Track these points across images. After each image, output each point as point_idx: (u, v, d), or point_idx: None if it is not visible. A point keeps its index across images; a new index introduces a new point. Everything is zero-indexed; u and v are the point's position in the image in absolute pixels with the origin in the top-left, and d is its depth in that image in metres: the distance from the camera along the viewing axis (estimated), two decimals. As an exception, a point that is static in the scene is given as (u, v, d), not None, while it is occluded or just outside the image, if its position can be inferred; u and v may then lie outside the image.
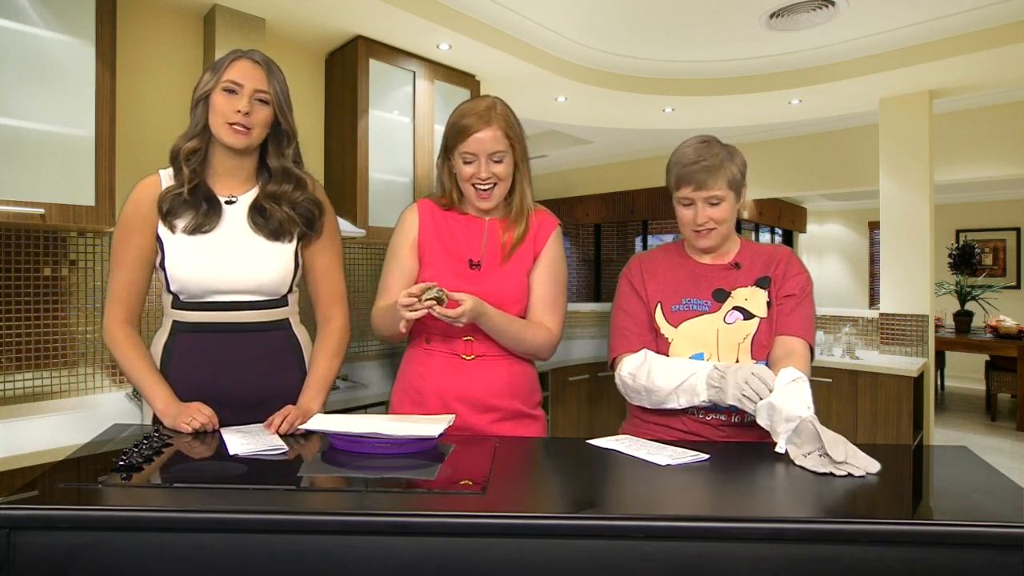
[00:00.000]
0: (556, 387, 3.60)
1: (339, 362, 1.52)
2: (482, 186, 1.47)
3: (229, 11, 2.58)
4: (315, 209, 1.48)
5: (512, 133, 1.48)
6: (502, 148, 1.46)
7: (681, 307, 1.50)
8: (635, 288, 1.57)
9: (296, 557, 0.86)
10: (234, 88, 1.36)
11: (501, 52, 3.27)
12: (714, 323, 1.47)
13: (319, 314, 1.55)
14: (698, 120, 4.76)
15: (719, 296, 1.49)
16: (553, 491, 1.16)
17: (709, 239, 1.50)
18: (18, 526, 0.85)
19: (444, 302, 1.33)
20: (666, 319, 1.51)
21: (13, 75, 1.90)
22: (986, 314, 6.18)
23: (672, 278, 1.55)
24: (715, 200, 1.46)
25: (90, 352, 2.30)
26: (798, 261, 1.57)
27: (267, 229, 1.43)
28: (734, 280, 1.51)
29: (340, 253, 1.57)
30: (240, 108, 1.35)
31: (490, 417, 1.48)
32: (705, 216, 1.47)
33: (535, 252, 1.54)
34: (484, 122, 1.44)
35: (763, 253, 1.56)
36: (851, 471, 1.09)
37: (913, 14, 3.24)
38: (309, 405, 1.41)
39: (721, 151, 1.47)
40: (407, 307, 1.31)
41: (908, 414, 3.55)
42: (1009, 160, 4.61)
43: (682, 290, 1.52)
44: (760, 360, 1.46)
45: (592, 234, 9.16)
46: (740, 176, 1.48)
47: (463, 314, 1.34)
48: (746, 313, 1.47)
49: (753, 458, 1.30)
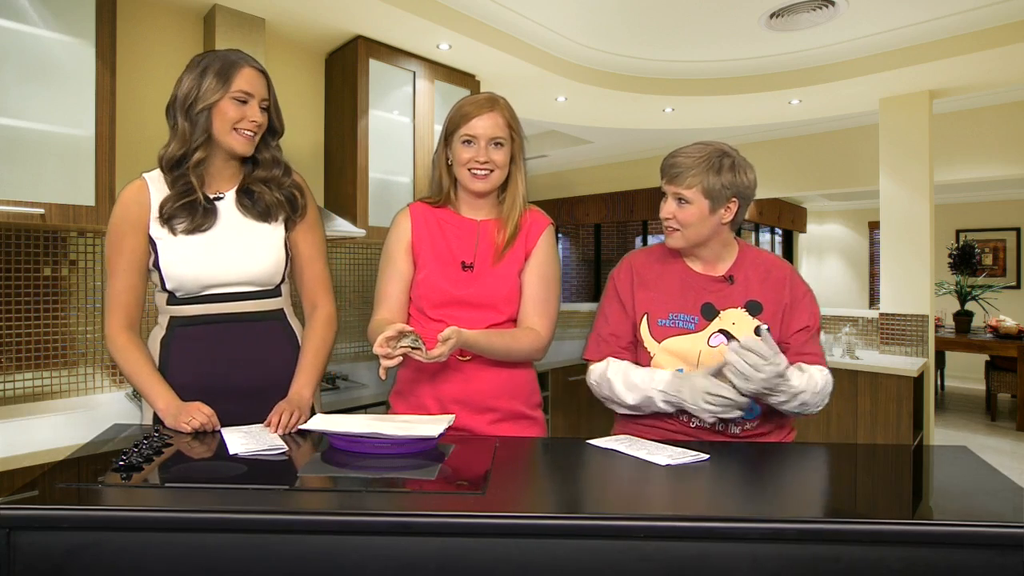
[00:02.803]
0: (556, 388, 3.60)
1: (328, 349, 1.54)
2: (479, 170, 1.48)
3: (229, 11, 2.58)
4: (297, 192, 1.53)
5: (513, 125, 1.50)
6: (503, 135, 1.47)
7: (668, 322, 1.48)
8: (619, 295, 1.56)
9: (296, 557, 0.86)
10: (245, 98, 1.39)
11: (501, 52, 3.27)
12: (697, 344, 1.45)
13: (306, 303, 1.58)
14: (698, 120, 4.76)
15: (707, 312, 1.47)
16: (553, 491, 1.16)
17: (672, 238, 1.49)
18: (18, 526, 0.85)
19: (421, 349, 1.29)
20: (651, 333, 1.49)
21: (13, 75, 1.90)
22: (986, 314, 6.18)
23: (662, 287, 1.52)
24: (681, 198, 1.44)
25: (90, 352, 2.30)
26: (802, 283, 1.53)
27: (255, 211, 1.47)
28: (725, 295, 1.48)
29: (323, 242, 1.60)
30: (255, 119, 1.40)
31: (488, 418, 1.48)
32: (669, 211, 1.47)
33: (527, 251, 1.53)
34: (487, 108, 1.48)
35: (760, 267, 1.52)
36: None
37: (913, 14, 3.24)
38: (301, 392, 1.43)
39: (711, 157, 1.42)
40: (384, 356, 1.29)
41: (908, 414, 3.55)
42: (1009, 160, 4.61)
43: (671, 302, 1.50)
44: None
45: (592, 234, 9.15)
46: (723, 189, 1.41)
47: (442, 354, 1.31)
48: (730, 338, 1.44)
49: (753, 458, 1.30)
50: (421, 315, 1.52)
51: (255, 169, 1.49)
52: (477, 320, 1.47)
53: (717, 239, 1.49)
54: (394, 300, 1.52)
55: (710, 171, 1.41)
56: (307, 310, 1.58)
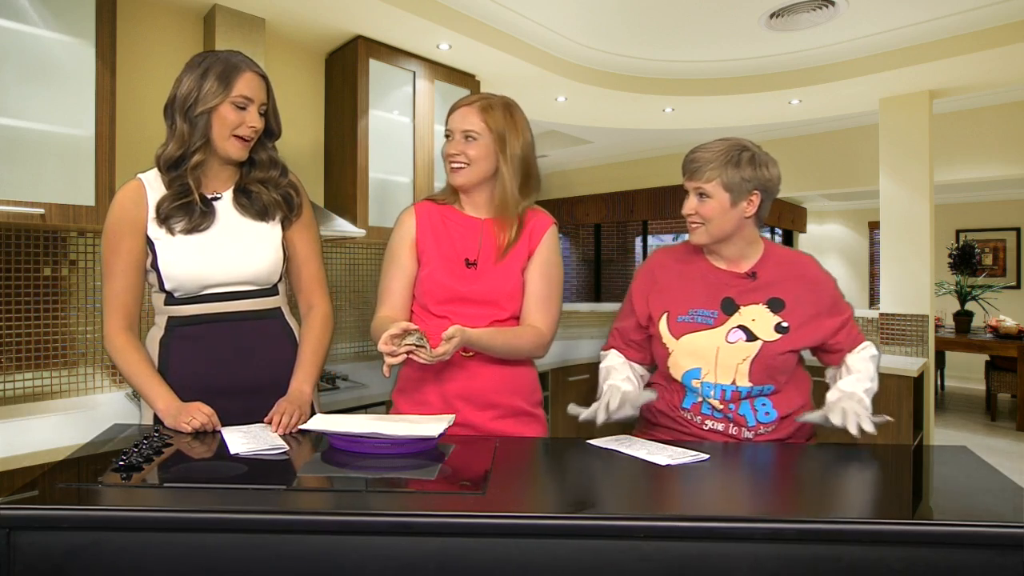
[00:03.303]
0: (556, 387, 3.60)
1: (326, 346, 1.55)
2: (453, 163, 1.51)
3: (229, 11, 2.57)
4: (293, 191, 1.54)
5: (493, 124, 1.49)
6: (474, 129, 1.48)
7: (687, 318, 1.48)
8: (632, 294, 1.60)
9: (296, 557, 0.86)
10: (245, 104, 1.39)
11: (501, 52, 3.27)
12: (715, 340, 1.45)
13: (302, 302, 1.59)
14: (698, 120, 4.76)
15: (727, 307, 1.46)
16: (553, 491, 1.16)
17: (696, 234, 1.48)
18: (18, 526, 0.85)
19: (426, 347, 1.30)
20: (669, 329, 1.49)
21: (13, 75, 1.90)
22: (986, 314, 6.18)
23: (684, 284, 1.52)
24: (702, 193, 1.44)
25: (90, 352, 2.30)
26: (829, 277, 1.54)
27: (253, 210, 1.48)
28: (747, 291, 1.47)
29: (318, 241, 1.61)
30: (253, 124, 1.41)
31: (491, 414, 1.48)
32: (691, 207, 1.47)
33: (530, 250, 1.54)
34: (465, 104, 1.52)
35: (787, 266, 1.51)
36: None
37: (913, 14, 3.24)
38: (301, 388, 1.44)
39: (730, 151, 1.43)
40: (388, 354, 1.30)
41: (908, 414, 3.55)
42: (1009, 160, 4.61)
43: (691, 299, 1.50)
44: (759, 384, 1.43)
45: (592, 234, 9.16)
46: (743, 182, 1.42)
47: (446, 352, 1.32)
48: (749, 334, 1.43)
49: (753, 458, 1.30)
50: (424, 311, 1.52)
51: (252, 170, 1.50)
52: (480, 317, 1.48)
53: (741, 236, 1.48)
54: (397, 297, 1.53)
55: (729, 164, 1.42)
56: (303, 309, 1.59)
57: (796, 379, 1.51)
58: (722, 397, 1.44)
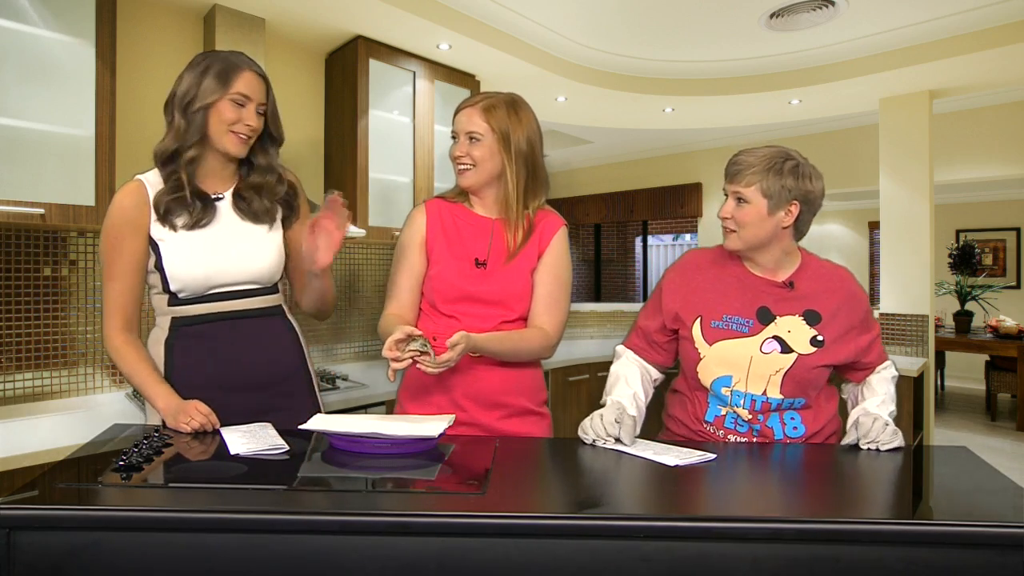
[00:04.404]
0: (557, 387, 3.60)
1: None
2: (459, 164, 1.52)
3: (229, 11, 2.57)
4: (291, 192, 1.56)
5: (496, 124, 1.48)
6: (478, 130, 1.48)
7: (721, 324, 1.44)
8: (662, 292, 1.56)
9: (296, 557, 0.86)
10: (243, 101, 1.40)
11: (501, 52, 3.27)
12: (750, 349, 1.41)
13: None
14: (698, 120, 4.76)
15: (763, 317, 1.42)
16: (553, 491, 1.16)
17: (730, 240, 1.45)
18: (18, 526, 0.85)
19: (430, 354, 1.29)
20: (703, 335, 1.45)
21: (13, 75, 1.90)
22: (986, 314, 6.18)
23: (719, 288, 1.48)
24: (740, 197, 1.41)
25: (90, 352, 2.30)
26: (862, 291, 1.51)
27: (250, 213, 1.49)
28: (784, 301, 1.44)
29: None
30: (250, 122, 1.41)
31: (498, 413, 1.49)
32: (728, 211, 1.43)
33: (539, 251, 1.54)
34: (470, 104, 1.52)
35: (824, 278, 1.48)
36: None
37: (913, 14, 3.24)
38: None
39: (774, 158, 1.39)
40: (393, 359, 1.29)
41: (908, 414, 3.55)
42: (1009, 160, 4.61)
43: (726, 303, 1.46)
44: (790, 397, 1.41)
45: (592, 234, 9.16)
46: (783, 191, 1.38)
47: (450, 359, 1.31)
48: (784, 346, 1.40)
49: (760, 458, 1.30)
50: (433, 310, 1.52)
51: (250, 172, 1.51)
52: (488, 317, 1.48)
53: (777, 245, 1.44)
54: (405, 293, 1.54)
55: (771, 171, 1.38)
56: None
57: (826, 395, 1.49)
58: (752, 407, 1.41)
